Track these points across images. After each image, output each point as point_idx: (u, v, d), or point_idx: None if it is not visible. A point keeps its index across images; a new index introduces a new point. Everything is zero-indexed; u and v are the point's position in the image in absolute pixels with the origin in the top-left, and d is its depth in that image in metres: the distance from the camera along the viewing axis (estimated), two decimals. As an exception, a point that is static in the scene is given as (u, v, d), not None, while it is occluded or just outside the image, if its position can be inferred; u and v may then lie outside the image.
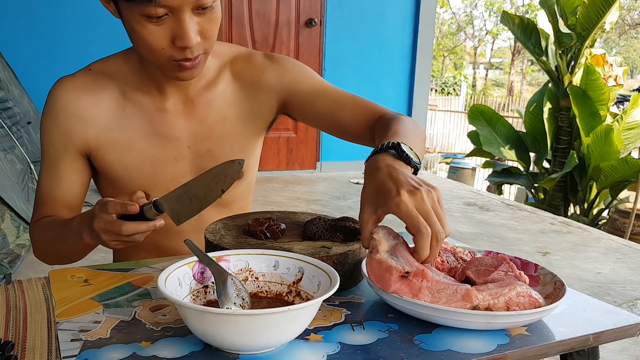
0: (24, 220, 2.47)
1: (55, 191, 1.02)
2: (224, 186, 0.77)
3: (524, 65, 21.87)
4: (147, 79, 1.01)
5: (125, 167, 1.02)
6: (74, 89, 0.99)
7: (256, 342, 0.63)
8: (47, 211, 1.01)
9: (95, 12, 3.97)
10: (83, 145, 1.01)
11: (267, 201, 3.68)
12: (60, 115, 0.99)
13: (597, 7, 4.76)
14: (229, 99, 1.06)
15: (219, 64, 1.06)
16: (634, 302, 2.39)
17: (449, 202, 4.12)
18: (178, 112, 1.03)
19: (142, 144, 1.01)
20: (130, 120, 1.01)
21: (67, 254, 1.00)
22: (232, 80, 1.07)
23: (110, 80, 1.01)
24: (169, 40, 0.86)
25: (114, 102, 1.00)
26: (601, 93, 4.93)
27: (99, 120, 1.00)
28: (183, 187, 0.79)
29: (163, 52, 0.87)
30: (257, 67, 1.08)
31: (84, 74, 1.01)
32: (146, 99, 1.01)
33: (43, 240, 1.00)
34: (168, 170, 1.04)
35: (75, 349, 0.65)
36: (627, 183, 4.74)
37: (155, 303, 0.78)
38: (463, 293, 0.70)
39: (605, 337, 0.75)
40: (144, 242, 1.09)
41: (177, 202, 0.78)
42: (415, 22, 4.92)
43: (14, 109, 2.90)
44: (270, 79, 1.07)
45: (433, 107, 11.10)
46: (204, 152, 1.05)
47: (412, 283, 0.71)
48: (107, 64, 1.02)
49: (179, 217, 0.79)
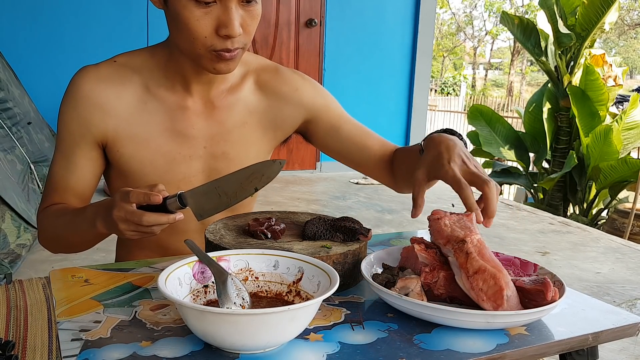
0: (24, 221, 2.47)
1: (67, 179, 1.01)
2: (259, 185, 0.78)
3: (524, 65, 21.88)
4: (172, 75, 1.00)
5: (140, 161, 1.01)
6: (97, 78, 0.98)
7: (256, 342, 0.63)
8: (57, 199, 1.01)
9: (96, 13, 3.97)
10: (101, 136, 1.00)
11: (267, 201, 3.68)
12: (80, 104, 0.98)
13: (596, 8, 4.77)
14: (251, 106, 1.07)
15: (244, 71, 1.08)
16: (633, 302, 2.39)
17: (449, 202, 4.12)
18: (199, 111, 1.03)
19: (159, 140, 1.01)
20: (151, 115, 1.01)
21: (76, 243, 0.99)
22: (256, 89, 1.08)
23: (135, 73, 1.00)
24: (212, 29, 0.87)
25: (136, 96, 1.00)
26: (600, 93, 4.93)
27: (120, 113, 0.99)
28: (214, 183, 0.79)
29: (205, 41, 0.88)
30: (288, 81, 1.10)
31: (109, 65, 1.00)
32: (169, 95, 1.01)
33: (51, 228, 1.00)
34: (181, 168, 1.04)
35: (75, 349, 0.65)
36: (626, 183, 4.74)
37: (156, 303, 0.78)
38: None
39: (604, 337, 0.75)
40: (148, 240, 1.10)
41: (205, 197, 0.79)
42: (415, 22, 4.93)
43: (14, 110, 2.90)
44: (303, 96, 1.10)
45: (433, 107, 11.10)
46: (219, 154, 1.05)
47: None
48: (133, 57, 1.02)
49: (202, 212, 0.80)
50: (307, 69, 4.66)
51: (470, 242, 0.75)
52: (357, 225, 0.90)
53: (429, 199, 4.35)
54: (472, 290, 0.73)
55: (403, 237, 1.15)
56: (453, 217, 0.83)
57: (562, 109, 5.25)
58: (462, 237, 0.76)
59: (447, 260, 0.79)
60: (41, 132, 3.18)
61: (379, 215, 3.62)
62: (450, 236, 0.78)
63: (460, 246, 0.76)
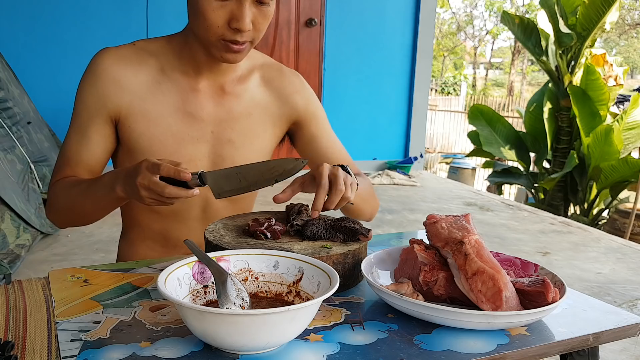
0: (23, 221, 2.47)
1: (81, 153, 1.05)
2: (279, 178, 0.85)
3: (524, 65, 21.88)
4: (186, 60, 1.06)
5: (149, 139, 1.05)
6: (116, 57, 1.04)
7: (256, 342, 0.63)
8: (69, 172, 1.05)
9: (96, 12, 3.97)
10: (115, 110, 1.04)
11: (267, 201, 3.68)
12: (99, 79, 1.03)
13: (597, 7, 4.76)
14: (257, 100, 1.13)
15: (251, 65, 1.14)
16: (634, 302, 2.39)
17: (449, 202, 4.12)
18: (209, 95, 1.08)
19: (169, 120, 1.06)
20: (165, 95, 1.06)
21: (89, 211, 1.01)
22: (261, 83, 1.14)
23: (151, 57, 1.07)
24: (225, 21, 0.95)
25: (151, 76, 1.06)
26: (601, 93, 4.92)
27: (135, 90, 1.04)
28: (235, 168, 0.85)
29: (217, 30, 0.95)
30: (290, 83, 1.17)
31: (128, 47, 1.07)
32: (182, 78, 1.07)
33: (64, 197, 1.02)
34: (188, 149, 1.07)
35: (75, 349, 0.65)
36: (627, 183, 4.74)
37: (155, 303, 0.78)
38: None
39: (605, 337, 0.75)
40: (151, 229, 1.15)
41: (225, 179, 0.84)
42: (415, 22, 4.92)
43: (13, 109, 2.90)
44: (299, 100, 1.17)
45: (433, 107, 11.10)
46: (225, 140, 1.10)
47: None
48: (151, 42, 1.09)
49: (221, 192, 0.85)
50: (307, 69, 4.66)
51: (468, 242, 0.75)
52: (357, 226, 0.90)
53: (429, 199, 4.33)
54: (471, 291, 0.73)
55: (403, 238, 1.15)
56: (449, 219, 0.82)
57: (562, 109, 5.25)
58: (460, 238, 0.76)
59: (446, 261, 0.79)
60: (41, 132, 3.18)
61: (379, 215, 3.62)
62: (448, 238, 0.78)
63: (458, 247, 0.75)
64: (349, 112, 4.84)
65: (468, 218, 0.82)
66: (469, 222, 0.81)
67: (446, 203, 4.10)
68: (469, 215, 0.83)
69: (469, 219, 0.82)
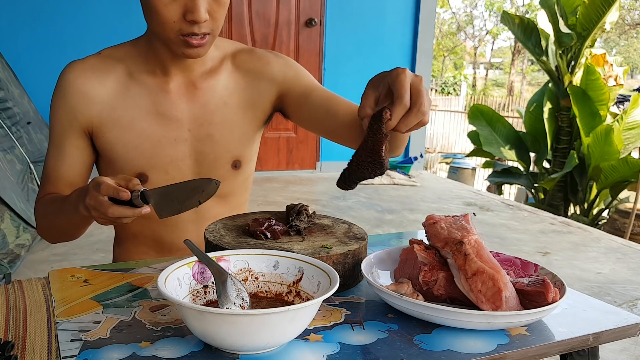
0: (23, 221, 2.47)
1: (59, 169, 1.05)
2: (201, 199, 0.80)
3: (524, 65, 21.87)
4: (153, 61, 1.05)
5: (124, 146, 1.04)
6: (82, 69, 1.04)
7: (256, 342, 0.63)
8: (50, 189, 1.05)
9: (95, 13, 3.97)
10: (87, 123, 1.04)
11: (267, 201, 3.68)
12: (67, 93, 1.03)
13: (597, 7, 4.76)
14: (231, 87, 1.11)
15: (221, 55, 1.11)
16: (634, 302, 2.39)
17: (449, 202, 4.12)
18: (181, 93, 1.07)
19: (143, 123, 1.05)
20: (134, 99, 1.05)
21: (67, 228, 1.02)
22: (233, 70, 1.12)
23: (118, 63, 1.05)
24: (180, 14, 0.93)
25: (119, 82, 1.05)
26: (601, 93, 4.92)
27: (104, 99, 1.04)
28: (168, 187, 0.82)
29: (173, 26, 0.93)
30: (260, 58, 1.13)
31: (94, 57, 1.06)
32: (150, 79, 1.05)
33: (45, 216, 1.03)
34: (167, 151, 1.06)
35: (75, 349, 0.65)
36: (627, 183, 4.74)
37: (155, 303, 0.78)
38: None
39: (605, 337, 0.75)
40: (143, 235, 1.13)
41: (161, 198, 0.81)
42: (415, 22, 4.92)
43: (13, 109, 2.90)
44: (274, 70, 1.12)
45: (433, 107, 11.09)
46: (204, 136, 1.08)
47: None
48: (117, 49, 1.08)
49: (161, 212, 0.82)
50: (307, 69, 4.62)
51: (468, 242, 0.75)
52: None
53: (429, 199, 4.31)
54: (471, 292, 0.73)
55: (403, 238, 1.15)
56: (449, 219, 0.82)
57: (562, 109, 5.25)
58: (460, 238, 0.76)
59: (446, 261, 0.79)
60: (40, 132, 3.18)
61: (379, 215, 3.62)
62: (447, 238, 0.78)
63: (458, 247, 0.75)
64: (349, 112, 4.83)
65: (467, 218, 0.82)
66: (468, 222, 0.81)
67: (446, 203, 4.09)
68: (468, 215, 0.83)
69: (468, 218, 0.82)
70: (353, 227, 0.97)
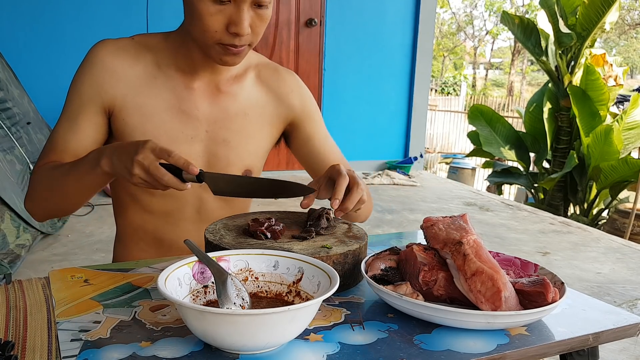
0: (23, 221, 2.47)
1: (68, 141, 1.03)
2: (283, 196, 0.89)
3: (524, 65, 21.87)
4: (182, 58, 1.05)
5: (143, 134, 1.04)
6: (114, 47, 1.04)
7: (256, 342, 0.63)
8: (54, 158, 1.03)
9: (96, 13, 3.97)
10: (110, 101, 1.03)
11: (267, 201, 3.68)
12: (95, 67, 1.03)
13: (597, 7, 4.76)
14: (253, 99, 1.12)
15: (246, 64, 1.13)
16: (633, 302, 2.39)
17: (449, 202, 4.12)
18: (204, 94, 1.08)
19: (163, 116, 1.05)
20: (159, 90, 1.05)
21: (70, 191, 0.98)
22: (256, 82, 1.14)
23: (149, 51, 1.06)
24: (223, 25, 0.94)
25: (147, 70, 1.05)
26: (601, 93, 4.92)
27: (131, 82, 1.04)
28: (237, 177, 0.91)
29: (214, 35, 0.95)
30: (286, 83, 1.16)
31: (127, 40, 1.06)
32: (177, 75, 1.06)
33: (46, 178, 1.00)
34: (183, 148, 1.06)
35: (75, 349, 0.65)
36: (627, 183, 4.74)
37: (155, 303, 0.78)
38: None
39: (604, 337, 0.75)
40: (143, 232, 1.13)
41: (224, 182, 0.89)
42: (415, 22, 4.92)
43: (13, 110, 2.90)
44: (295, 100, 1.16)
45: (433, 107, 11.10)
46: (220, 140, 1.09)
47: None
48: (149, 37, 1.08)
49: (217, 190, 0.89)
50: (307, 69, 4.66)
51: (467, 242, 0.75)
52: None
53: (429, 199, 4.33)
54: (470, 292, 0.73)
55: (403, 238, 1.15)
56: (446, 220, 0.82)
57: (562, 109, 5.25)
58: (459, 238, 0.76)
59: (446, 261, 0.79)
60: (40, 132, 3.18)
61: (379, 215, 3.62)
62: (446, 239, 0.78)
63: (457, 248, 0.75)
64: (349, 112, 4.84)
65: (465, 218, 0.82)
66: (466, 222, 0.81)
67: (446, 203, 4.10)
68: (466, 215, 0.83)
69: (466, 219, 0.82)
70: (353, 227, 0.97)
